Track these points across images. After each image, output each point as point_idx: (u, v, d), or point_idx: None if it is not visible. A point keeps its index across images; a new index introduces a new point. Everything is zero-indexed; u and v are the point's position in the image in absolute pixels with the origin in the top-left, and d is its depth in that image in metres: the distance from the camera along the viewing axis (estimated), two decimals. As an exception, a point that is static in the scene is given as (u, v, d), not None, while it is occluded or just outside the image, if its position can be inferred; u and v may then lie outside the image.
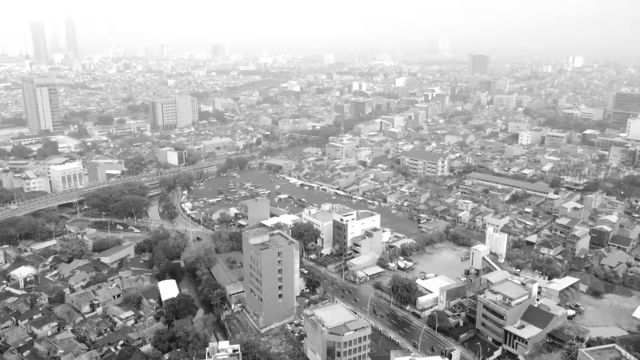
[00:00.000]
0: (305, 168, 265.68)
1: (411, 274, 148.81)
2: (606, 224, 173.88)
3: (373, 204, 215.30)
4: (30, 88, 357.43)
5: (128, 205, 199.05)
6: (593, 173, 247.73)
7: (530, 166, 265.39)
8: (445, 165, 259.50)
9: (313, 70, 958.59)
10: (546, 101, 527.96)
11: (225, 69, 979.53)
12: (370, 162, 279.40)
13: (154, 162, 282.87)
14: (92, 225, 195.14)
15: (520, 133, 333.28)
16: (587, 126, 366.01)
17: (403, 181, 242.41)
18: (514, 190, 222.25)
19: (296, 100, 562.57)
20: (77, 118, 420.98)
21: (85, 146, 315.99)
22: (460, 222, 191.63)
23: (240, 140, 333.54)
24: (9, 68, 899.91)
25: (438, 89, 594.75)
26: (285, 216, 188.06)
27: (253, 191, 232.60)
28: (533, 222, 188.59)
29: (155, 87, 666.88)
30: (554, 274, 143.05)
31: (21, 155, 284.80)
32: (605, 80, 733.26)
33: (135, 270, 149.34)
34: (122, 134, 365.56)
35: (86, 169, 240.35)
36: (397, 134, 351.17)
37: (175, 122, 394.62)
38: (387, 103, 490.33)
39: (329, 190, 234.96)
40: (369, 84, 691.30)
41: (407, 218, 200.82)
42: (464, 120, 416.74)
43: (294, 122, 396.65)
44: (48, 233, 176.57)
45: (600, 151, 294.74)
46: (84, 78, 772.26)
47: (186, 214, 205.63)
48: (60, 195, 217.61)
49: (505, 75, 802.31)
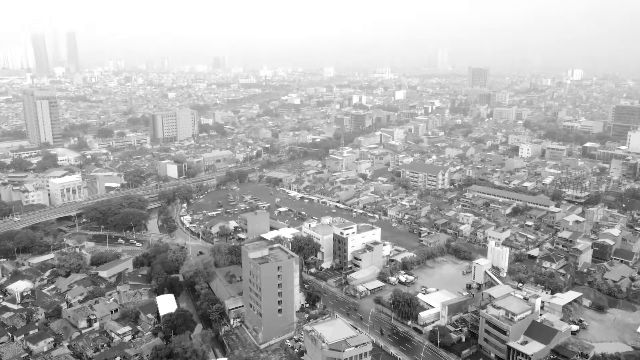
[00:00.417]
0: (305, 181, 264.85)
1: (412, 288, 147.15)
2: (608, 238, 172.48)
3: (373, 217, 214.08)
4: (30, 101, 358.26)
5: (127, 218, 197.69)
6: (594, 186, 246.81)
7: (531, 179, 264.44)
8: (445, 178, 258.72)
9: (313, 83, 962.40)
10: (546, 114, 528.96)
11: (226, 81, 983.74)
12: (371, 175, 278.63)
13: (153, 174, 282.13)
14: (91, 239, 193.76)
15: (521, 146, 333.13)
16: (587, 139, 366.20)
17: (403, 194, 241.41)
18: (515, 203, 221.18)
19: (296, 112, 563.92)
20: (77, 131, 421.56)
21: (85, 159, 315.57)
22: (462, 236, 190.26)
23: (240, 153, 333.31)
24: (10, 81, 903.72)
25: (438, 102, 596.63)
26: (285, 229, 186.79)
27: (253, 204, 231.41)
28: (535, 235, 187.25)
29: (155, 100, 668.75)
30: (557, 288, 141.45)
31: (20, 167, 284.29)
32: (604, 93, 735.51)
33: (133, 284, 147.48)
34: (122, 147, 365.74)
35: (85, 181, 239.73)
36: (397, 146, 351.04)
37: (175, 134, 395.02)
38: (387, 116, 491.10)
39: (329, 203, 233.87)
40: (368, 96, 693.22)
41: (408, 231, 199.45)
42: (464, 133, 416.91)
43: (294, 134, 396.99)
44: (46, 247, 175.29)
45: (601, 164, 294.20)
46: (84, 91, 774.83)
47: (185, 227, 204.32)
48: (59, 209, 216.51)
49: (504, 88, 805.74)
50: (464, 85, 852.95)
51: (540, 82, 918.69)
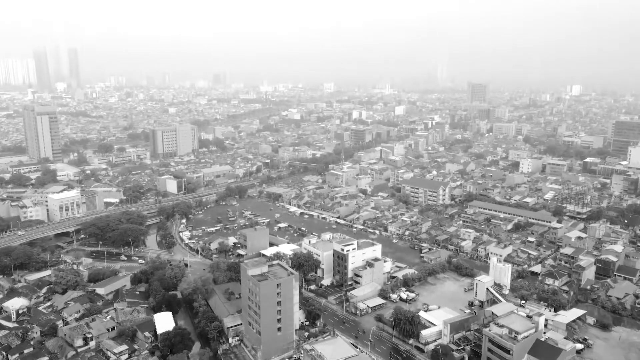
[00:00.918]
0: (305, 196, 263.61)
1: (413, 305, 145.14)
2: (611, 254, 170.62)
3: (374, 233, 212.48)
4: (31, 116, 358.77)
5: (125, 234, 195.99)
6: (596, 201, 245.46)
7: (532, 194, 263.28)
8: (446, 193, 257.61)
9: (313, 98, 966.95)
10: (545, 129, 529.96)
11: (226, 97, 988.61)
12: (371, 191, 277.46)
13: (153, 190, 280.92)
14: (89, 255, 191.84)
15: (521, 161, 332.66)
16: (587, 154, 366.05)
17: (404, 210, 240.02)
18: (517, 219, 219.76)
19: (296, 128, 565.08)
20: (77, 146, 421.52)
21: (85, 174, 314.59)
22: (463, 252, 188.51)
23: (240, 168, 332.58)
24: (11, 96, 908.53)
25: (437, 117, 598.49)
26: (285, 245, 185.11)
27: (252, 220, 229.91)
28: (537, 251, 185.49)
29: (156, 116, 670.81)
30: (560, 305, 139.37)
31: (20, 183, 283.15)
32: (603, 109, 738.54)
33: (131, 301, 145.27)
34: (122, 162, 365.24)
35: (84, 197, 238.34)
36: (398, 162, 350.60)
37: (175, 150, 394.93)
38: (387, 131, 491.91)
39: (329, 219, 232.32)
40: (368, 112, 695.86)
41: (409, 247, 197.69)
42: (464, 148, 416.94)
43: (294, 150, 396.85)
44: (43, 263, 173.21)
45: (602, 179, 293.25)
46: (85, 106, 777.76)
47: (184, 243, 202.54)
48: (57, 224, 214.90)
49: (504, 103, 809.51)
50: (464, 100, 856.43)
51: (539, 97, 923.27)
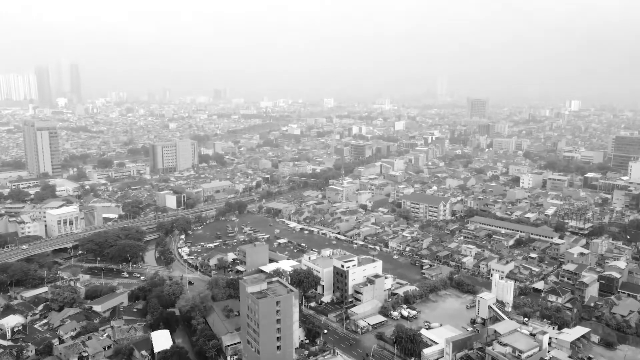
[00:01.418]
0: (305, 212, 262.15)
1: (415, 323, 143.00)
2: (615, 270, 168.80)
3: (374, 249, 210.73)
4: (31, 131, 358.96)
5: (124, 250, 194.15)
6: (597, 217, 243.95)
7: (533, 210, 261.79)
8: (447, 209, 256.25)
9: (313, 114, 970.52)
10: (545, 144, 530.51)
11: (227, 112, 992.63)
12: (371, 206, 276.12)
13: (152, 205, 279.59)
14: (87, 271, 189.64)
15: (522, 176, 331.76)
16: (587, 169, 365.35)
17: (404, 225, 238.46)
18: (518, 234, 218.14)
19: (296, 143, 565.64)
20: (77, 161, 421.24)
21: (84, 189, 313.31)
22: (464, 268, 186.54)
23: (239, 183, 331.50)
24: (12, 112, 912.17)
25: (437, 132, 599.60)
26: (285, 262, 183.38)
27: (252, 235, 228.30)
28: (539, 268, 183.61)
29: (156, 131, 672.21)
30: (564, 323, 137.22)
31: (18, 198, 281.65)
32: (602, 124, 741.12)
33: (128, 319, 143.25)
34: (122, 177, 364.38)
35: (83, 212, 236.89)
36: (398, 177, 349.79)
37: (175, 165, 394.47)
38: (387, 146, 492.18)
39: (329, 235, 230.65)
40: (368, 127, 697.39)
41: (410, 264, 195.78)
42: (464, 163, 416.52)
43: (294, 165, 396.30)
44: (40, 279, 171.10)
45: (603, 194, 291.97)
46: (86, 121, 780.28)
47: (183, 260, 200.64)
48: (55, 240, 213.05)
49: (503, 118, 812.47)
50: (463, 115, 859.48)
51: (538, 112, 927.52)
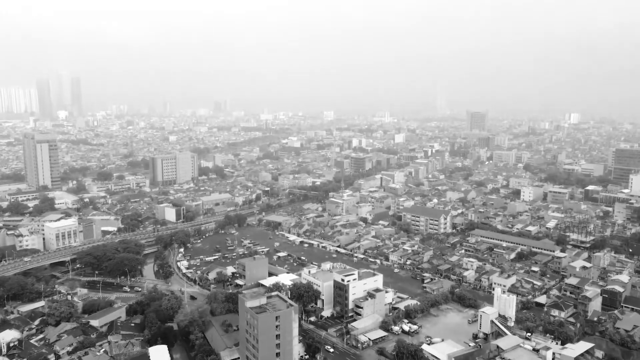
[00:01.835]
0: (305, 225, 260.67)
1: (416, 338, 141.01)
2: (617, 284, 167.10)
3: (375, 262, 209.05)
4: (30, 144, 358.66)
5: (122, 264, 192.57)
6: (599, 230, 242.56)
7: (534, 223, 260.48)
8: (447, 222, 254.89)
9: (313, 126, 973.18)
10: (545, 157, 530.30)
11: (227, 125, 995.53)
12: (371, 219, 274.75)
13: (151, 218, 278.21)
14: (85, 285, 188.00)
15: (522, 189, 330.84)
16: (588, 182, 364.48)
17: (405, 238, 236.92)
18: (520, 248, 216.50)
19: (296, 156, 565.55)
20: (77, 174, 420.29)
21: (83, 202, 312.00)
22: (466, 282, 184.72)
23: (239, 196, 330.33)
24: (13, 124, 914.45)
25: (437, 145, 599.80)
26: (284, 275, 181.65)
27: (251, 249, 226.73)
28: (541, 281, 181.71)
29: (156, 143, 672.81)
30: (567, 338, 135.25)
31: (17, 211, 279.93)
32: (602, 136, 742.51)
33: (126, 334, 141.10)
34: (121, 190, 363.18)
35: (81, 225, 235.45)
36: (398, 189, 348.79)
37: (175, 178, 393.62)
38: (387, 159, 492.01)
39: (330, 248, 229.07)
40: (368, 140, 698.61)
41: (410, 277, 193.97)
42: (465, 176, 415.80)
43: (293, 177, 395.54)
44: (37, 294, 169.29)
45: (604, 207, 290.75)
46: (86, 134, 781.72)
47: (182, 273, 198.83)
48: (53, 254, 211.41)
49: (503, 131, 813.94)
50: (463, 128, 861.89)
51: (538, 125, 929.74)
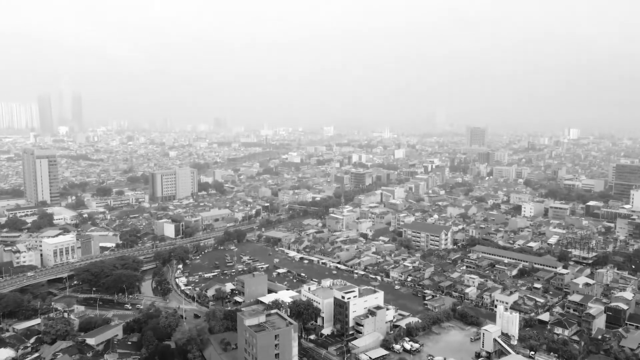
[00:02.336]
0: (305, 241, 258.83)
1: (418, 356, 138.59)
2: (621, 302, 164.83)
3: (375, 279, 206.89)
4: (30, 159, 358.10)
5: (120, 280, 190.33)
6: (601, 246, 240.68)
7: (536, 239, 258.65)
8: (448, 237, 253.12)
9: (313, 142, 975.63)
10: (546, 172, 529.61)
11: (227, 140, 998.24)
12: (372, 235, 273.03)
13: (150, 234, 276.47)
14: (82, 302, 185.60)
15: (523, 204, 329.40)
16: (589, 197, 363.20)
17: (406, 255, 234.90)
18: (521, 264, 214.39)
19: (296, 171, 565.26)
20: (76, 189, 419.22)
21: (82, 218, 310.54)
22: (468, 299, 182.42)
23: (239, 211, 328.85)
24: (13, 140, 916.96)
25: (437, 161, 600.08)
26: (284, 292, 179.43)
27: (251, 265, 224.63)
28: (544, 298, 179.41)
29: (156, 159, 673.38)
30: (571, 357, 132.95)
31: (15, 227, 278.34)
32: (602, 152, 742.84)
33: (122, 352, 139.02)
34: (120, 206, 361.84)
35: (79, 241, 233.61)
36: (398, 205, 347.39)
37: (174, 193, 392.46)
38: (387, 174, 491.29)
39: (330, 264, 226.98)
40: (368, 155, 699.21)
41: (411, 294, 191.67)
42: (465, 192, 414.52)
43: (293, 193, 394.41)
44: (33, 311, 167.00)
45: (606, 223, 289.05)
46: (86, 149, 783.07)
47: (180, 290, 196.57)
48: (49, 270, 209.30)
49: (503, 146, 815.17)
50: (463, 144, 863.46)
51: (537, 141, 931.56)
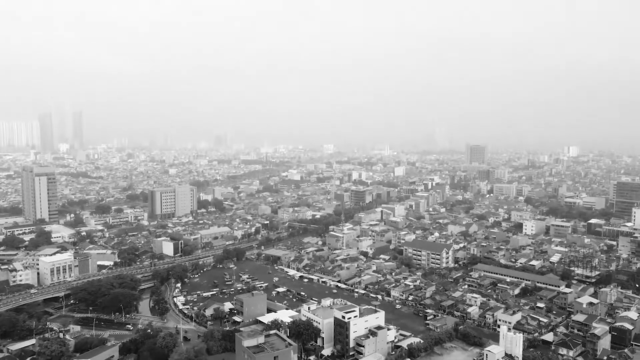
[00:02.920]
0: (305, 259, 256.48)
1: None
2: (626, 321, 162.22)
3: (376, 298, 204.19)
4: (29, 177, 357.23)
5: (117, 299, 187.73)
6: (604, 264, 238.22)
7: (538, 257, 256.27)
8: (450, 256, 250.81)
9: (313, 159, 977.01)
10: (546, 190, 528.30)
11: (227, 158, 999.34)
12: (372, 253, 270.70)
13: (149, 252, 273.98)
14: (78, 322, 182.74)
15: (524, 222, 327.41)
16: (590, 215, 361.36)
17: (407, 273, 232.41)
18: (524, 283, 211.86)
19: (296, 189, 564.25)
20: (75, 207, 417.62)
21: (80, 236, 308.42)
22: (470, 319, 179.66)
23: (238, 229, 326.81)
24: (14, 157, 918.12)
25: (437, 178, 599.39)
26: (284, 312, 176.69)
27: (250, 284, 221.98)
28: (547, 318, 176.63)
29: (156, 176, 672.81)
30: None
31: (12, 245, 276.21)
32: (602, 170, 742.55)
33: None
34: (119, 223, 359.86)
35: (77, 260, 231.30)
36: (399, 223, 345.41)
37: (174, 211, 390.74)
38: (387, 192, 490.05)
39: (330, 283, 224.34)
40: (368, 172, 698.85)
41: (413, 313, 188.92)
42: (466, 209, 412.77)
43: (293, 211, 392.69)
44: (28, 331, 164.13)
45: (608, 241, 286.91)
46: (86, 167, 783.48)
47: (178, 309, 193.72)
48: (46, 289, 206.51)
49: (502, 164, 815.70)
50: (462, 161, 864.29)
51: (537, 158, 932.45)
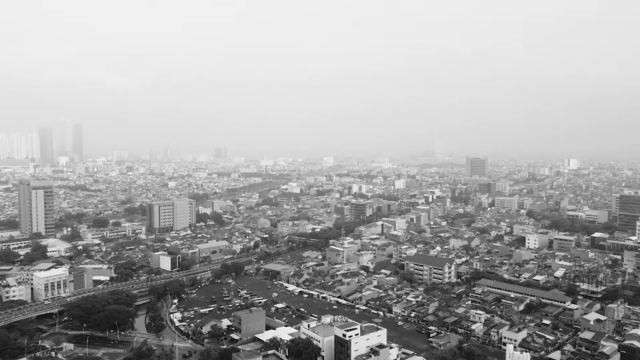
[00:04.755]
0: (305, 274, 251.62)
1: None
2: (635, 339, 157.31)
3: (377, 314, 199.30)
4: (25, 190, 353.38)
5: (112, 316, 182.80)
6: (609, 279, 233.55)
7: (542, 272, 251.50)
8: (452, 270, 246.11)
9: (313, 172, 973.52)
10: (548, 203, 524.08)
11: (227, 171, 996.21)
12: (373, 267, 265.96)
13: (145, 267, 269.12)
14: (71, 339, 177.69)
15: (527, 236, 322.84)
16: (593, 229, 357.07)
17: (409, 289, 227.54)
18: (529, 299, 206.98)
19: (296, 202, 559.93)
20: (72, 220, 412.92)
21: (76, 250, 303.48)
22: (474, 336, 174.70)
23: (237, 243, 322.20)
24: (13, 170, 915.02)
25: (438, 191, 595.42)
26: (283, 329, 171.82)
27: (248, 300, 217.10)
28: (554, 335, 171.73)
29: (155, 189, 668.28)
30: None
31: (7, 259, 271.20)
32: (603, 182, 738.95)
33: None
34: (116, 237, 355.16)
35: (72, 275, 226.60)
36: (400, 237, 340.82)
37: (172, 224, 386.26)
38: (387, 205, 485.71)
39: (330, 299, 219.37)
40: (368, 185, 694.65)
41: (415, 330, 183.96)
42: (467, 223, 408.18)
43: (293, 224, 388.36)
44: (19, 350, 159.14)
45: (612, 255, 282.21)
46: (85, 180, 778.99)
47: (174, 326, 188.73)
48: (39, 306, 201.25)
49: (503, 177, 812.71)
50: (463, 174, 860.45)
51: (537, 171, 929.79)
